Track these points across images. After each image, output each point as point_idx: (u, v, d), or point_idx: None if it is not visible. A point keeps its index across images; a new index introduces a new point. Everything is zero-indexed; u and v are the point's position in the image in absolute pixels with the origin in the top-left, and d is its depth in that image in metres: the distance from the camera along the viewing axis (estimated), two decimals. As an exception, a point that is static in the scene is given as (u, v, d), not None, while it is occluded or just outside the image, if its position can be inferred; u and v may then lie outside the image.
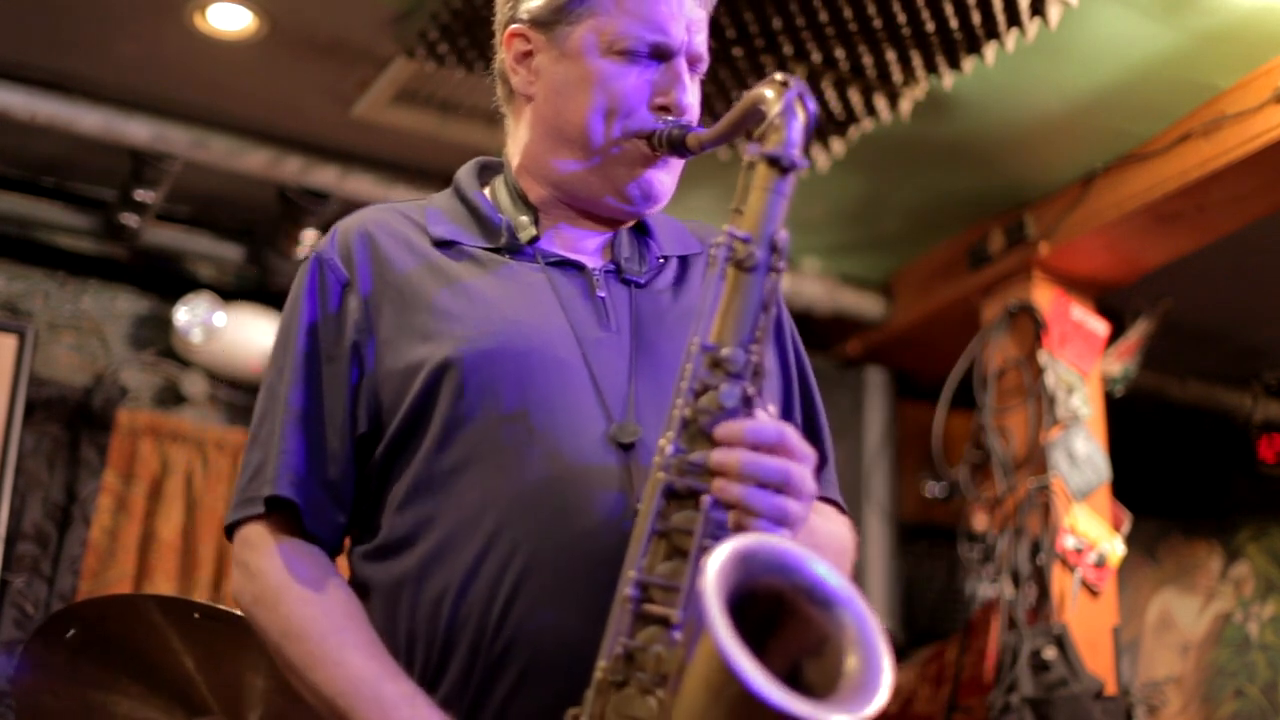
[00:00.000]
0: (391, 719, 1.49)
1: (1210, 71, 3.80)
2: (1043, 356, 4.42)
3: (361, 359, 1.67)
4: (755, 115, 1.52)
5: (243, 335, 4.65)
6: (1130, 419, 4.78)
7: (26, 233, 4.61)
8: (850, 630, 1.33)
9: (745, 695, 1.22)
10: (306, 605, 1.59)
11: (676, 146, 1.67)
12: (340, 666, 1.54)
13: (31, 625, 4.13)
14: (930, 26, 3.50)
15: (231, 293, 4.71)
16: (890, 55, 3.61)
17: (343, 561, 1.71)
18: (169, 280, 4.75)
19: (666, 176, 1.74)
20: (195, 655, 2.35)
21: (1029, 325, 4.49)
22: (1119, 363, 4.70)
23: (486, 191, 1.80)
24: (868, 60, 3.64)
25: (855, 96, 3.80)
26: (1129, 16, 3.56)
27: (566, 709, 1.43)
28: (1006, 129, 4.07)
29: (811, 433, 1.80)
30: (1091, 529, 4.31)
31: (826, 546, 1.59)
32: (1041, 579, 4.21)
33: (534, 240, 1.73)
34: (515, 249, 1.72)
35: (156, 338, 4.73)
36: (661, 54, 1.71)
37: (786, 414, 1.78)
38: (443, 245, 1.72)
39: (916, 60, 3.63)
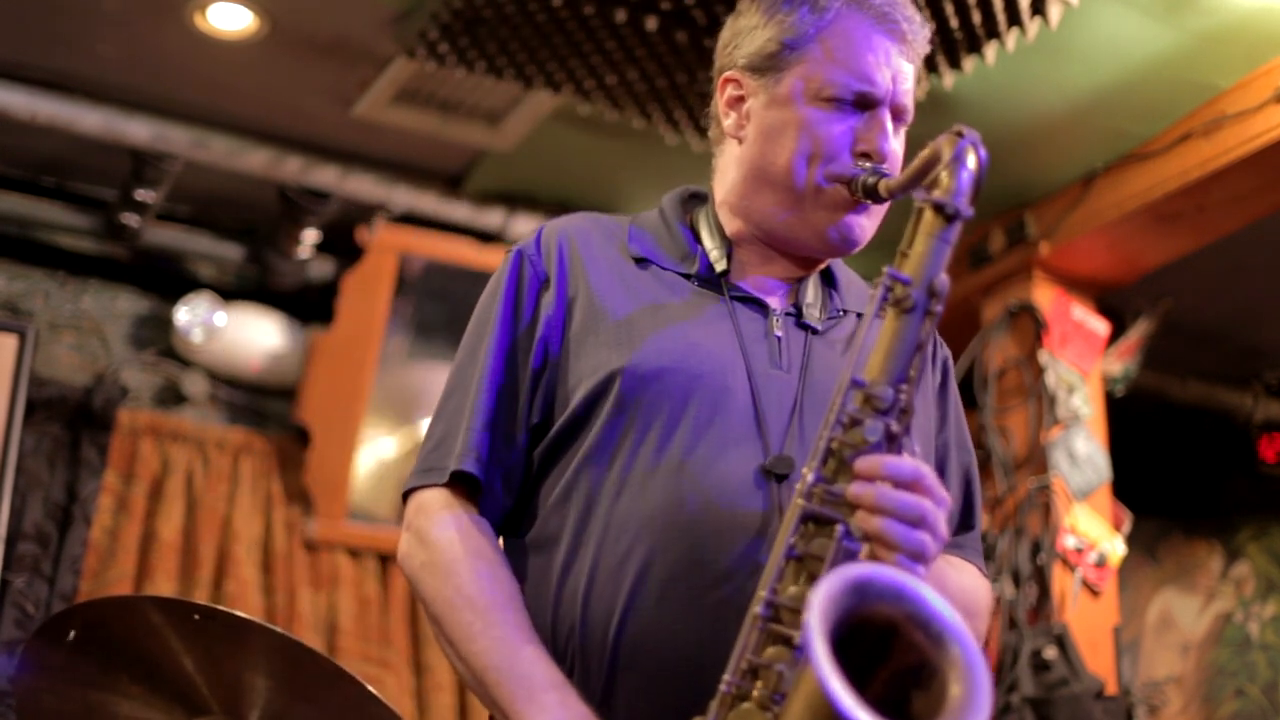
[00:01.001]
0: (539, 701, 1.54)
1: (1211, 71, 3.80)
2: (1043, 356, 4.41)
3: (548, 353, 1.75)
4: (936, 162, 1.59)
5: (243, 335, 4.65)
6: (1131, 419, 4.78)
7: (27, 232, 4.61)
8: (957, 666, 1.36)
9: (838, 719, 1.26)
10: (479, 580, 1.65)
11: (870, 193, 1.73)
12: (498, 643, 1.60)
13: (32, 625, 4.12)
14: (931, 26, 3.49)
15: (232, 293, 4.71)
16: (890, 55, 3.61)
17: None
18: (169, 280, 4.75)
19: (866, 221, 1.79)
20: (195, 655, 2.35)
21: (1029, 325, 4.48)
22: (1119, 362, 4.70)
23: (689, 220, 1.87)
24: (868, 60, 3.63)
25: (855, 96, 3.79)
26: (1129, 16, 3.56)
27: (687, 717, 1.49)
28: (1007, 129, 4.07)
29: (966, 500, 1.87)
30: (1092, 529, 4.31)
31: (956, 599, 1.64)
32: (1042, 579, 4.21)
33: (725, 273, 1.80)
34: (705, 278, 1.79)
35: (157, 337, 4.73)
36: (866, 103, 1.77)
37: (941, 476, 1.82)
38: (639, 262, 1.80)
39: (917, 60, 3.63)
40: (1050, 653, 4.04)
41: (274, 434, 4.73)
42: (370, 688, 2.37)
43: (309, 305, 4.71)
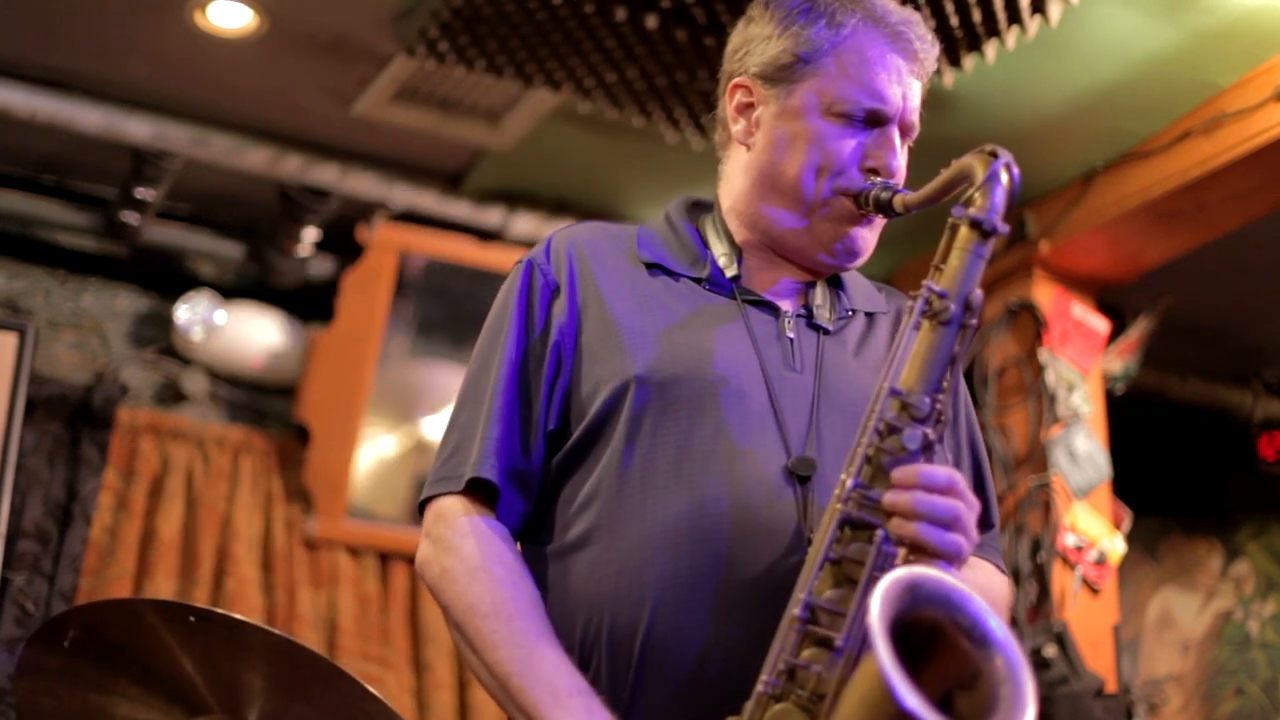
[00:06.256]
0: (564, 705, 1.55)
1: (1211, 69, 3.80)
2: (1043, 354, 4.42)
3: (561, 361, 1.77)
4: (962, 180, 1.63)
5: (243, 333, 4.65)
6: (1131, 417, 4.78)
7: (27, 231, 4.61)
8: (1001, 670, 1.39)
9: (900, 716, 1.28)
10: (500, 586, 1.66)
11: (883, 207, 1.77)
12: (522, 649, 1.60)
13: (32, 623, 4.13)
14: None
15: (232, 291, 4.71)
16: (890, 53, 3.60)
17: None
18: (169, 278, 4.75)
19: (870, 234, 1.84)
20: (193, 656, 2.35)
21: (1029, 323, 4.48)
22: (1119, 360, 4.70)
23: (696, 227, 1.90)
24: (868, 58, 3.63)
25: (855, 95, 3.79)
26: (1130, 14, 3.56)
27: None
28: (1007, 127, 4.07)
29: (982, 499, 1.89)
30: (1092, 527, 4.31)
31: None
32: (1042, 577, 4.21)
33: (736, 278, 1.82)
34: (716, 282, 1.82)
35: (157, 336, 4.73)
36: (877, 120, 1.82)
37: None
38: (649, 268, 1.82)
39: (917, 58, 3.63)
40: (1050, 651, 4.04)
41: (274, 432, 4.73)
42: (369, 686, 2.38)
43: (309, 303, 4.70)
